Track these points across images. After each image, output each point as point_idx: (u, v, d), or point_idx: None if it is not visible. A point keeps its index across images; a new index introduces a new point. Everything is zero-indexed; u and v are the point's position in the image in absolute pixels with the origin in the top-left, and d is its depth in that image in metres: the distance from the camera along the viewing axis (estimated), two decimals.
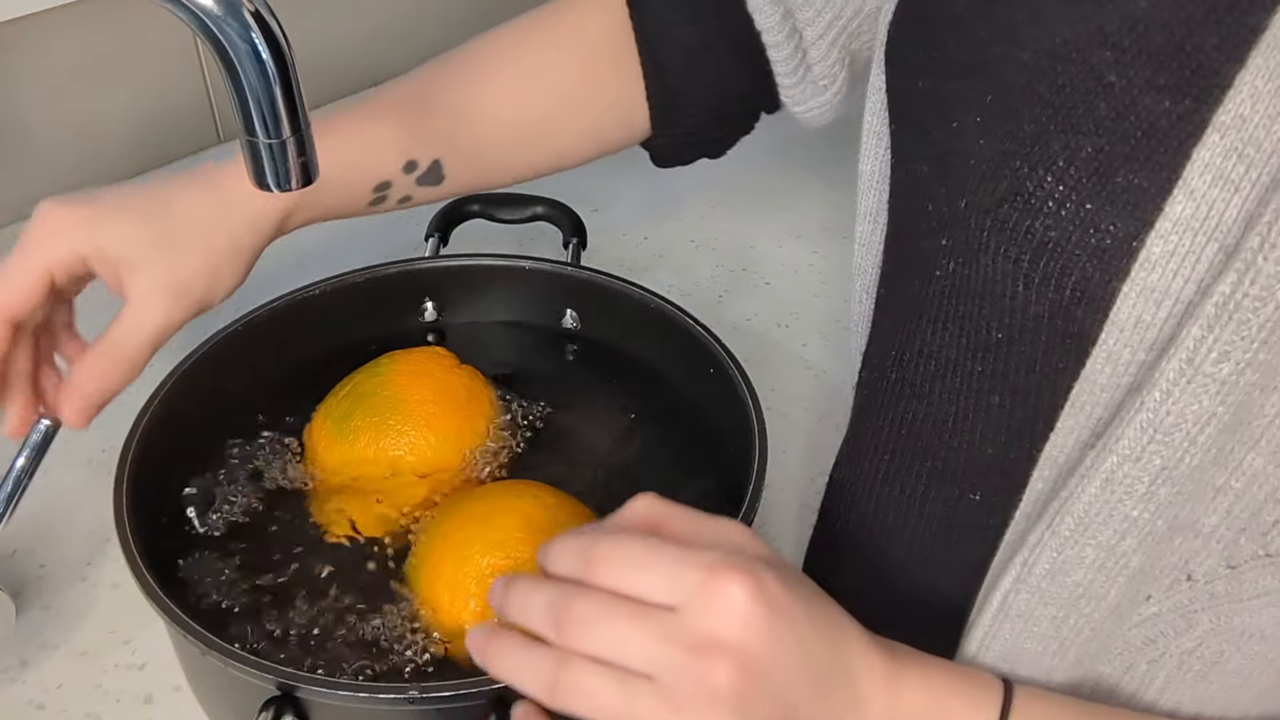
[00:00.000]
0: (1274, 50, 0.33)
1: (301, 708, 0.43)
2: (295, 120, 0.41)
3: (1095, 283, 0.37)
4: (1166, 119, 0.35)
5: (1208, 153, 0.35)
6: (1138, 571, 0.39)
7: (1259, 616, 0.38)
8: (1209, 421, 0.35)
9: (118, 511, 0.49)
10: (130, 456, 0.51)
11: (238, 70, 0.40)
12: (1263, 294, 0.33)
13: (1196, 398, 0.35)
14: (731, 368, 0.57)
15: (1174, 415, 0.36)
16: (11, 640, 0.53)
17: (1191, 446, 0.36)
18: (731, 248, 0.83)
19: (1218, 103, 0.34)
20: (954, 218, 0.42)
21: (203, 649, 0.43)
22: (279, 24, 0.40)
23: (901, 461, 0.48)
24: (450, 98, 0.60)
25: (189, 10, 0.38)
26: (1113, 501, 0.38)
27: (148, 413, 0.54)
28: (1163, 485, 0.37)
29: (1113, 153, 0.37)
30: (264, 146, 0.41)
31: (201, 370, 0.57)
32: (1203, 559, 0.38)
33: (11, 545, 0.59)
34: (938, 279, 0.43)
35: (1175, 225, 0.35)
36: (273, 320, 0.61)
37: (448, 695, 0.42)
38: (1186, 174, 0.35)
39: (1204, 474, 0.36)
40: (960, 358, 0.43)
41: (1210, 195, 0.35)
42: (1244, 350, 0.34)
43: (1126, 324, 0.37)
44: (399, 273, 0.66)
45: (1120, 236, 0.36)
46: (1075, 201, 0.37)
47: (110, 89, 0.85)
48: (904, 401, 0.47)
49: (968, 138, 0.41)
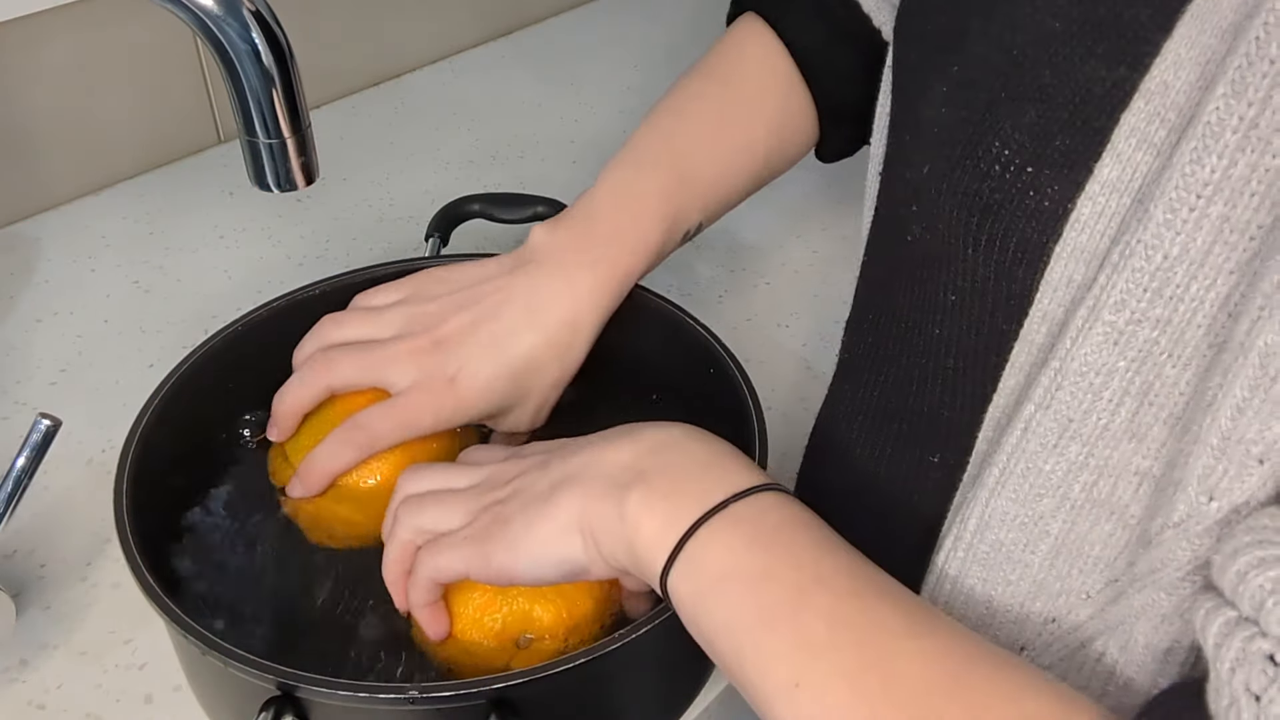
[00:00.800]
0: (1197, 20, 0.35)
1: (301, 708, 0.43)
2: (295, 120, 0.41)
3: (1033, 244, 0.39)
4: (1100, 85, 0.37)
5: (1134, 117, 0.36)
6: (1059, 546, 0.39)
7: (1143, 624, 0.38)
8: (1111, 375, 0.36)
9: (118, 511, 0.49)
10: (130, 456, 0.51)
11: (238, 70, 0.40)
12: (1153, 241, 0.34)
13: (1098, 348, 0.36)
14: (731, 368, 0.57)
15: (1078, 361, 0.37)
16: (11, 640, 0.53)
17: (1097, 400, 0.37)
18: (731, 248, 0.83)
19: (1147, 69, 0.36)
20: (921, 184, 0.43)
21: (203, 649, 0.43)
22: (279, 24, 0.40)
23: (874, 423, 0.49)
24: (696, 172, 0.62)
25: (189, 10, 0.38)
26: (1029, 453, 0.39)
27: (148, 413, 0.54)
28: (1071, 441, 0.38)
29: (1053, 118, 0.38)
30: (264, 146, 0.42)
31: (201, 370, 0.57)
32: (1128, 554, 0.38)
33: (11, 545, 0.59)
34: (908, 244, 0.45)
35: (1103, 187, 0.37)
36: (273, 320, 0.61)
37: (448, 695, 0.42)
38: (1114, 138, 0.36)
39: (1120, 446, 0.37)
40: (923, 320, 0.45)
41: (1134, 159, 0.36)
42: (1137, 300, 0.35)
43: (1060, 284, 0.38)
44: (399, 273, 0.66)
45: (1056, 199, 0.38)
46: (1018, 165, 0.39)
47: (110, 89, 0.85)
48: (877, 364, 0.48)
49: (936, 106, 0.42)
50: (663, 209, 0.59)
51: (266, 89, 0.40)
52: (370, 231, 0.84)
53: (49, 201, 0.86)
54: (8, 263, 0.80)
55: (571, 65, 1.08)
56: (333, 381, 0.56)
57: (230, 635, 0.49)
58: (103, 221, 0.84)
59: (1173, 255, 0.34)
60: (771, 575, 0.40)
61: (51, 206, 0.86)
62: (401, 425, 0.54)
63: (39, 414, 0.52)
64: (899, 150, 0.47)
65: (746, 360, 0.58)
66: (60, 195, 0.86)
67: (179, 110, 0.90)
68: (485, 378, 0.55)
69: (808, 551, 0.40)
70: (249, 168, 0.43)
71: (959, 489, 0.44)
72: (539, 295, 0.57)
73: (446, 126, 0.98)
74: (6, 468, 0.49)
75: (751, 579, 0.40)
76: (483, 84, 1.05)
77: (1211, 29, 0.34)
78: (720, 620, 0.40)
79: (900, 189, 0.46)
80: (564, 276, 0.57)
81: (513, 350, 0.56)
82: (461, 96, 1.03)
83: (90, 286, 0.78)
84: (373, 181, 0.90)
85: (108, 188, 0.88)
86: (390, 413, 0.54)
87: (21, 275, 0.79)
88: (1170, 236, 0.34)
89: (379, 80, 1.04)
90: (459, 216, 0.73)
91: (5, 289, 0.78)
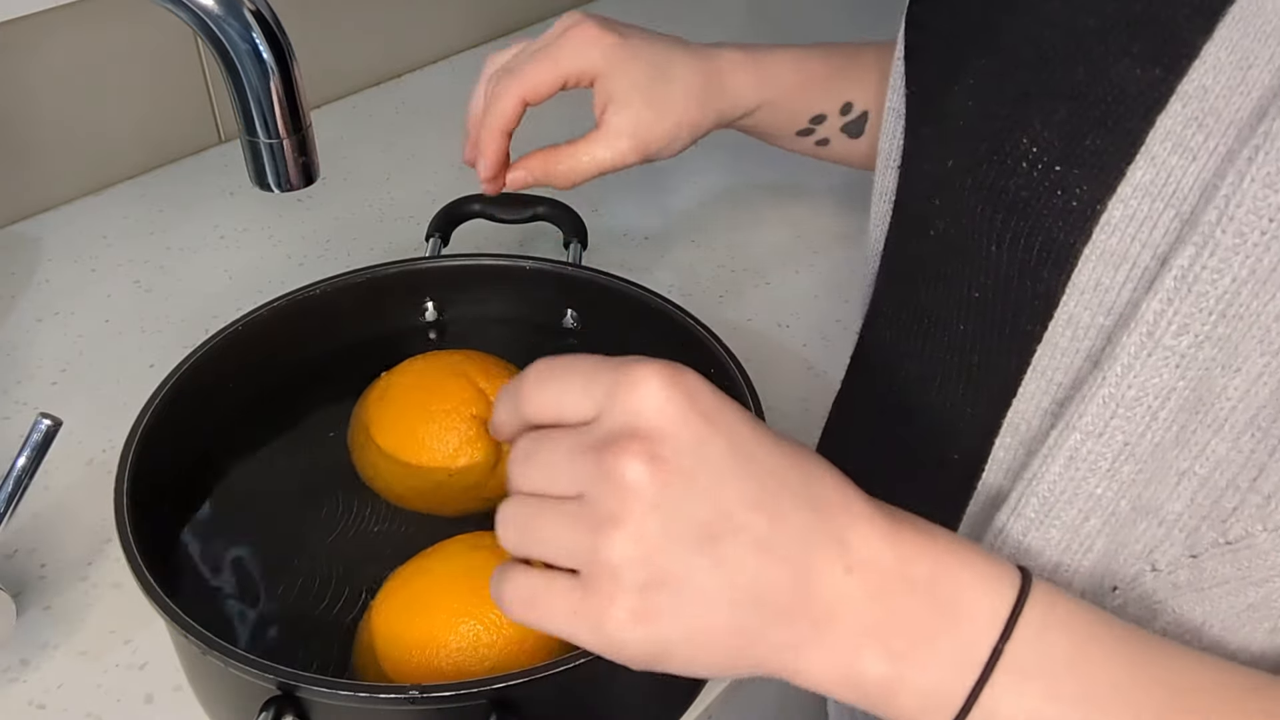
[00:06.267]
0: (1239, 23, 0.34)
1: (302, 708, 0.43)
2: (295, 120, 0.41)
3: (1060, 244, 0.38)
4: (1135, 85, 0.36)
5: (1170, 120, 0.35)
6: (1102, 556, 0.39)
7: (1218, 605, 0.38)
8: (1169, 396, 0.35)
9: (118, 511, 0.49)
10: (130, 456, 0.51)
11: (238, 70, 0.40)
12: (1220, 266, 0.34)
13: (1157, 371, 0.35)
14: (732, 368, 0.57)
15: (1135, 389, 0.36)
16: (11, 640, 0.53)
17: (1153, 422, 0.36)
18: (731, 248, 0.83)
19: (1184, 72, 0.35)
20: (944, 178, 0.43)
21: (203, 649, 0.43)
22: (279, 24, 0.40)
23: (892, 419, 0.48)
24: (874, 62, 0.65)
25: (189, 10, 0.38)
26: (1077, 479, 0.38)
27: (148, 413, 0.54)
28: (1125, 462, 0.37)
29: (1084, 116, 0.37)
30: (264, 146, 0.42)
31: (202, 370, 0.57)
32: (1166, 548, 0.38)
33: (12, 545, 0.59)
34: (931, 238, 0.44)
35: (1135, 190, 0.36)
36: (273, 320, 0.61)
37: (448, 695, 0.42)
38: (1149, 140, 0.36)
39: (1166, 455, 0.37)
40: (947, 316, 0.44)
41: (1169, 162, 0.35)
42: (1202, 323, 0.34)
43: (1087, 287, 0.38)
44: (399, 273, 0.66)
45: (1086, 199, 0.37)
46: (1047, 163, 0.38)
47: (111, 89, 0.85)
48: (897, 359, 0.48)
49: (962, 100, 0.42)
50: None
51: (267, 89, 0.40)
52: (371, 231, 0.84)
53: (49, 201, 0.86)
54: (8, 263, 0.80)
55: None
56: (524, 91, 0.60)
57: (231, 635, 0.49)
58: (103, 221, 0.84)
59: (1240, 277, 0.33)
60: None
61: (51, 206, 0.86)
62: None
63: (39, 414, 0.52)
64: (919, 144, 0.47)
65: (747, 360, 0.58)
66: (60, 195, 0.86)
67: (179, 110, 0.90)
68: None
69: (1118, 673, 0.34)
70: (249, 167, 0.43)
71: (973, 497, 0.44)
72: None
73: (447, 126, 0.98)
74: (7, 468, 0.49)
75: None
76: None
77: (1255, 33, 0.34)
78: None
79: (922, 183, 0.45)
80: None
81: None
82: (461, 96, 1.02)
83: (91, 286, 0.78)
84: (373, 181, 0.90)
85: (108, 188, 0.88)
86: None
87: (22, 275, 0.79)
88: (1239, 260, 0.33)
89: (379, 80, 1.04)
90: (459, 216, 0.73)
91: (5, 289, 0.78)
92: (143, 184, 0.89)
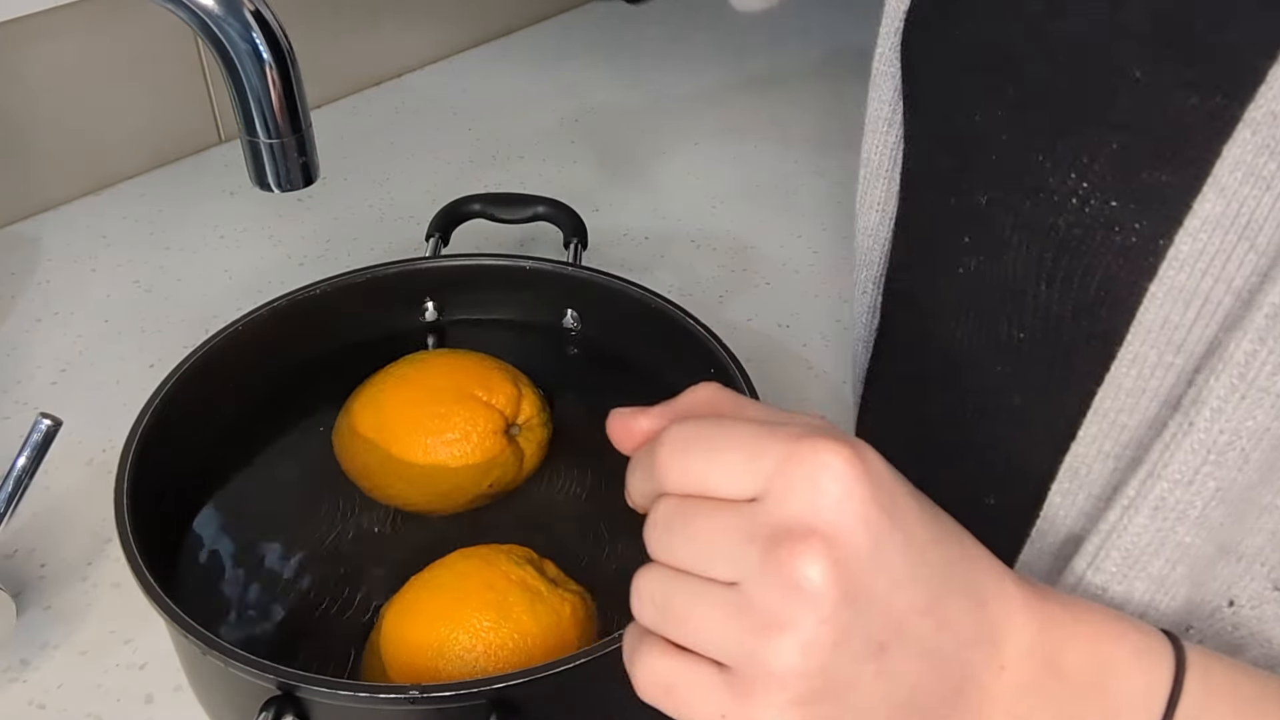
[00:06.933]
0: None
1: (302, 707, 0.43)
2: (295, 120, 0.41)
3: (1121, 282, 0.36)
4: (1194, 115, 0.34)
5: (1239, 149, 0.33)
6: (1185, 602, 0.38)
7: None
8: (1263, 437, 0.34)
9: (118, 511, 0.49)
10: (130, 456, 0.51)
11: (238, 70, 0.40)
12: None
13: (1251, 413, 0.34)
14: (732, 368, 0.57)
15: (1228, 434, 0.34)
16: (12, 640, 0.53)
17: (1245, 465, 0.34)
18: (731, 248, 0.83)
19: (1249, 98, 0.33)
20: (975, 213, 0.41)
21: (203, 649, 0.43)
22: (279, 24, 0.40)
23: (913, 455, 0.47)
24: None
25: (189, 10, 0.38)
26: (1165, 530, 0.36)
27: (148, 413, 0.54)
28: (1217, 508, 0.35)
29: (1138, 149, 0.36)
30: (264, 146, 0.42)
31: (202, 370, 0.57)
32: (1245, 583, 0.37)
33: (12, 545, 0.59)
34: (961, 276, 0.42)
35: (1204, 223, 0.34)
36: (273, 320, 0.61)
37: (448, 695, 0.42)
38: (1217, 171, 0.34)
39: (1252, 493, 0.35)
40: (981, 355, 0.42)
41: (1241, 193, 0.34)
42: None
43: (1154, 325, 0.36)
44: (399, 273, 0.66)
45: (1146, 235, 0.36)
46: (1100, 199, 0.36)
47: (111, 89, 0.85)
48: (921, 395, 0.46)
49: (990, 131, 0.40)
50: None
51: (267, 89, 0.40)
52: (371, 231, 0.84)
53: (49, 201, 0.86)
54: (8, 263, 0.80)
55: (571, 65, 1.08)
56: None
57: (231, 635, 0.49)
58: (103, 221, 0.84)
59: None
60: None
61: (51, 206, 0.86)
62: None
63: (39, 414, 0.52)
64: (936, 175, 0.44)
65: (747, 360, 0.58)
66: (60, 195, 0.86)
67: (179, 110, 0.90)
68: None
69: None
70: (250, 167, 0.43)
71: (1026, 544, 0.42)
72: None
73: (446, 126, 0.98)
74: (7, 468, 0.49)
75: None
76: (483, 84, 1.05)
77: None
78: None
79: (944, 216, 0.43)
80: None
81: None
82: (461, 96, 1.03)
83: (90, 286, 0.78)
84: (373, 181, 0.90)
85: (108, 188, 0.88)
86: None
87: (22, 275, 0.79)
88: None
89: (379, 80, 1.04)
90: (459, 216, 0.73)
91: (5, 289, 0.78)
92: (143, 184, 0.89)
